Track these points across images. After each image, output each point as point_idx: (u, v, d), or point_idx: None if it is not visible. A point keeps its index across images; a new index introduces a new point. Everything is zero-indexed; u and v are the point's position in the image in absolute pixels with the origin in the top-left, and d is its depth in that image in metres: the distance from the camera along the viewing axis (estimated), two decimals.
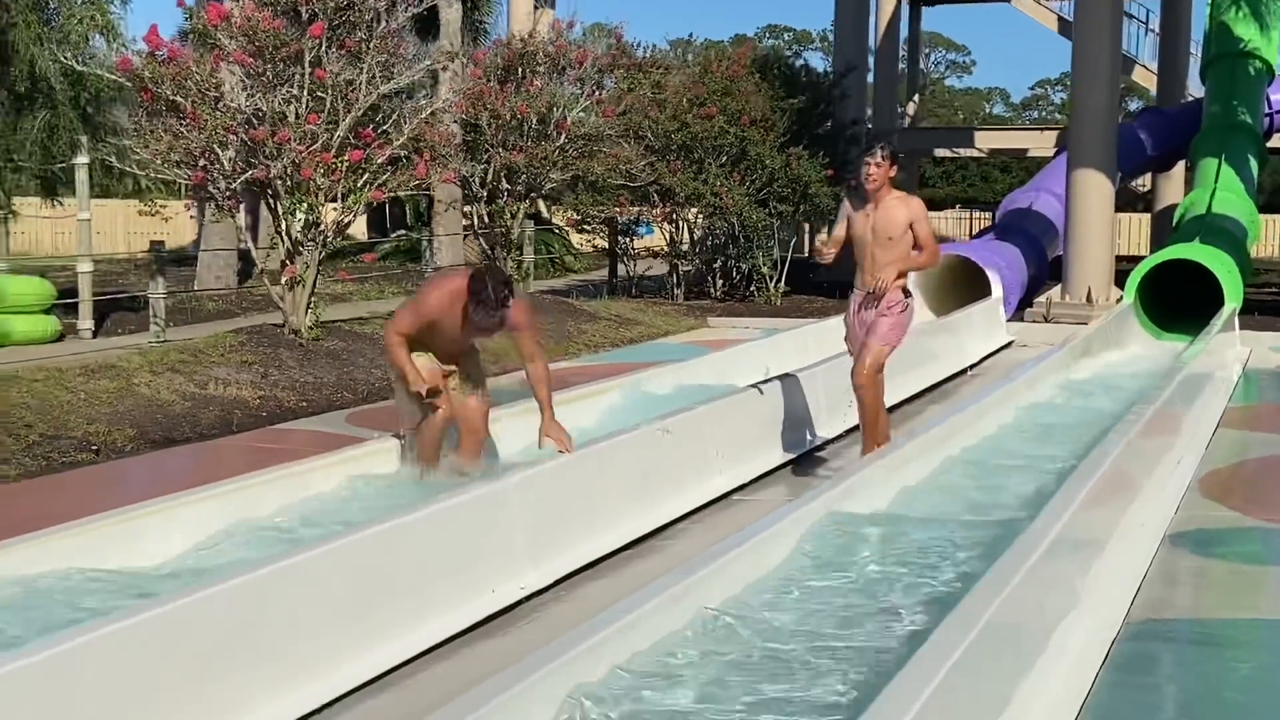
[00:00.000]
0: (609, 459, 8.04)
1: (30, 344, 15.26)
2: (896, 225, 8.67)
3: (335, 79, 13.54)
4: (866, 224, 8.81)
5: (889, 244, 8.70)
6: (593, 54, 19.15)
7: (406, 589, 6.10)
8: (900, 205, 8.77)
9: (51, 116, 17.74)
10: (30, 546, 6.19)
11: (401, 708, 5.41)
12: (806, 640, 5.52)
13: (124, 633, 4.68)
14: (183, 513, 6.95)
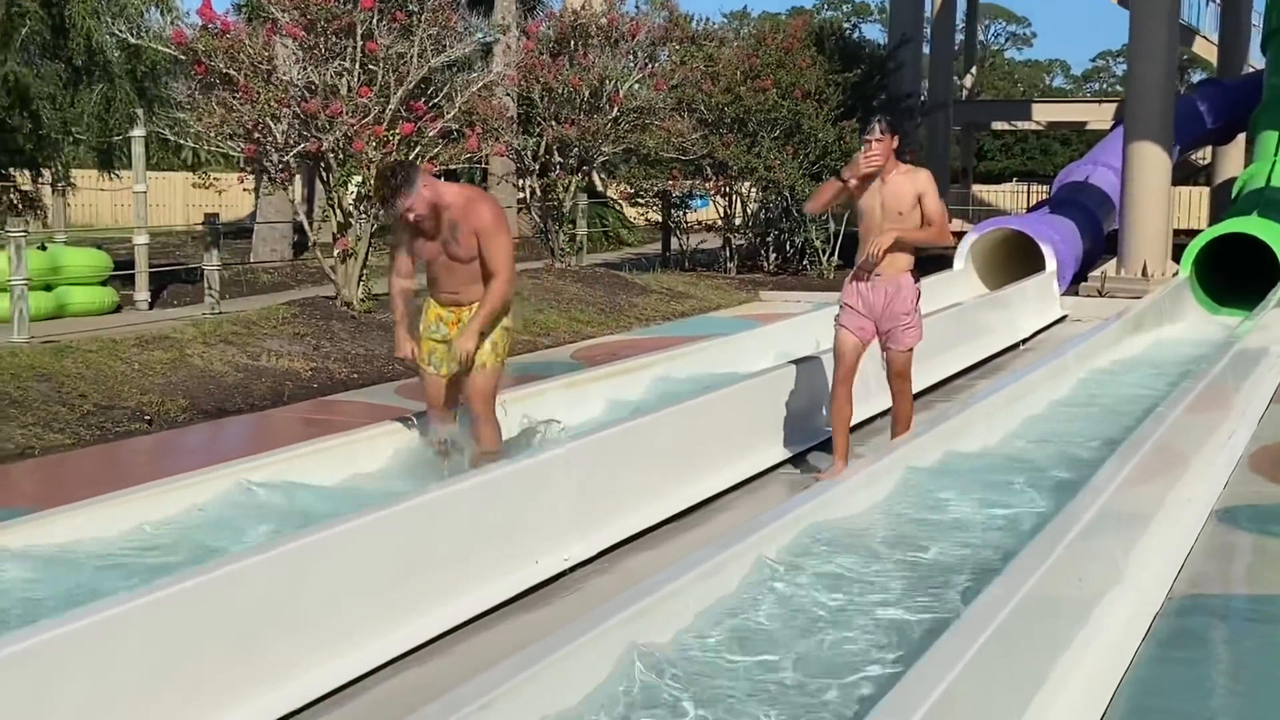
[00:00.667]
0: (656, 431, 8.03)
1: (88, 315, 15.44)
2: (906, 199, 8.05)
3: (387, 52, 13.58)
4: (874, 198, 8.13)
5: (899, 219, 8.05)
6: (646, 26, 19.07)
7: (450, 559, 6.15)
8: (909, 177, 8.14)
9: (108, 89, 17.93)
10: (80, 514, 6.30)
11: (444, 676, 5.43)
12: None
13: (167, 600, 4.75)
14: (229, 482, 7.03)
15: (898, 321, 8.24)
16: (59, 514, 6.28)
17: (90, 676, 4.41)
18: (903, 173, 8.11)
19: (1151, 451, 7.36)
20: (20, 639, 4.31)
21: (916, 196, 8.01)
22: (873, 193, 8.11)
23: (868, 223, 8.20)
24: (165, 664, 4.69)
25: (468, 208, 7.34)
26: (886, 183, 8.05)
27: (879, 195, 8.07)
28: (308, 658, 5.22)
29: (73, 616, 4.50)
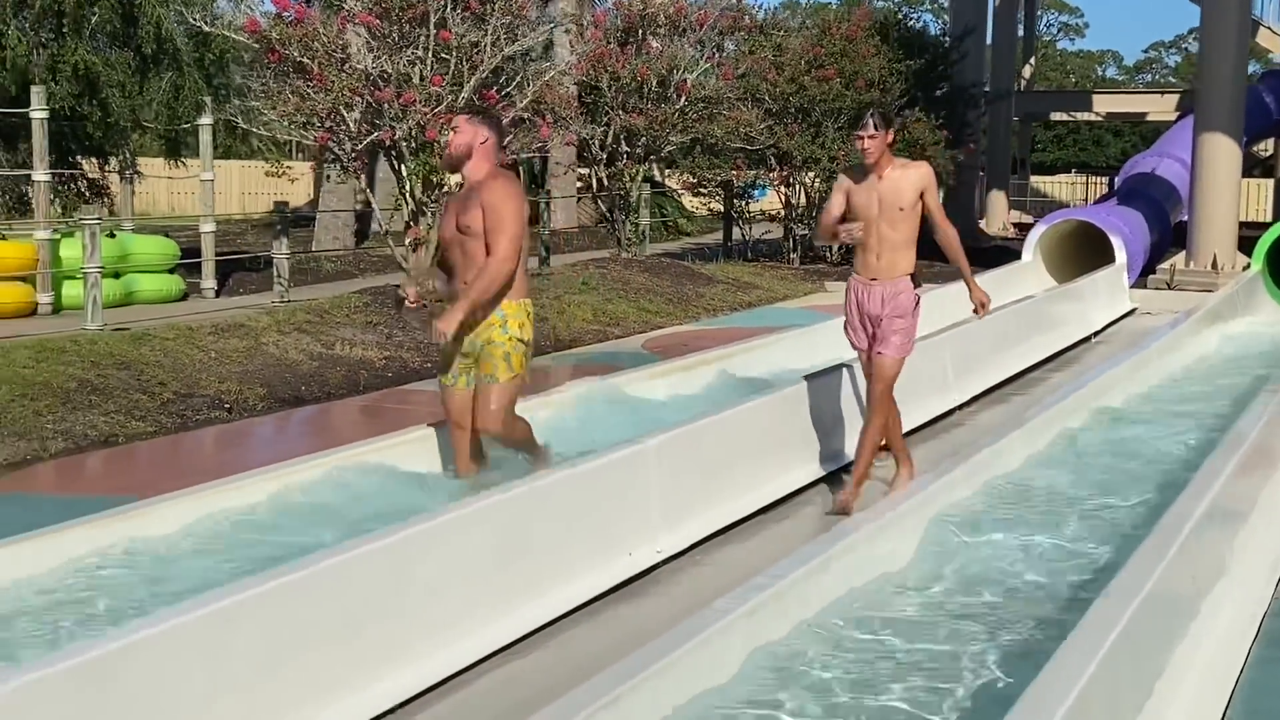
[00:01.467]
0: (745, 423, 7.99)
1: (155, 302, 15.53)
2: (906, 194, 7.38)
3: (460, 40, 13.57)
4: (871, 196, 7.44)
5: (899, 217, 7.40)
6: (713, 16, 19.03)
7: (545, 551, 6.14)
8: (909, 172, 7.48)
9: (177, 78, 17.99)
10: (167, 506, 6.34)
11: (546, 669, 5.45)
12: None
13: (277, 590, 4.75)
14: (325, 470, 7.05)
15: (891, 325, 7.53)
16: (158, 504, 6.31)
17: (205, 666, 4.42)
18: (900, 167, 7.49)
19: (1251, 448, 7.27)
20: (139, 629, 4.33)
21: (918, 192, 7.42)
22: (868, 189, 7.48)
23: (864, 221, 7.49)
24: (276, 654, 4.68)
25: (487, 180, 6.82)
26: (883, 179, 7.43)
27: (875, 192, 7.44)
28: (412, 648, 5.22)
29: (188, 607, 4.50)
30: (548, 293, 15.53)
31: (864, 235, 7.42)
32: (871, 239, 7.42)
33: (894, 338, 7.50)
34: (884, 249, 7.42)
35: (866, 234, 7.41)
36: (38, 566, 5.58)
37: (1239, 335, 14.89)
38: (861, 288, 7.58)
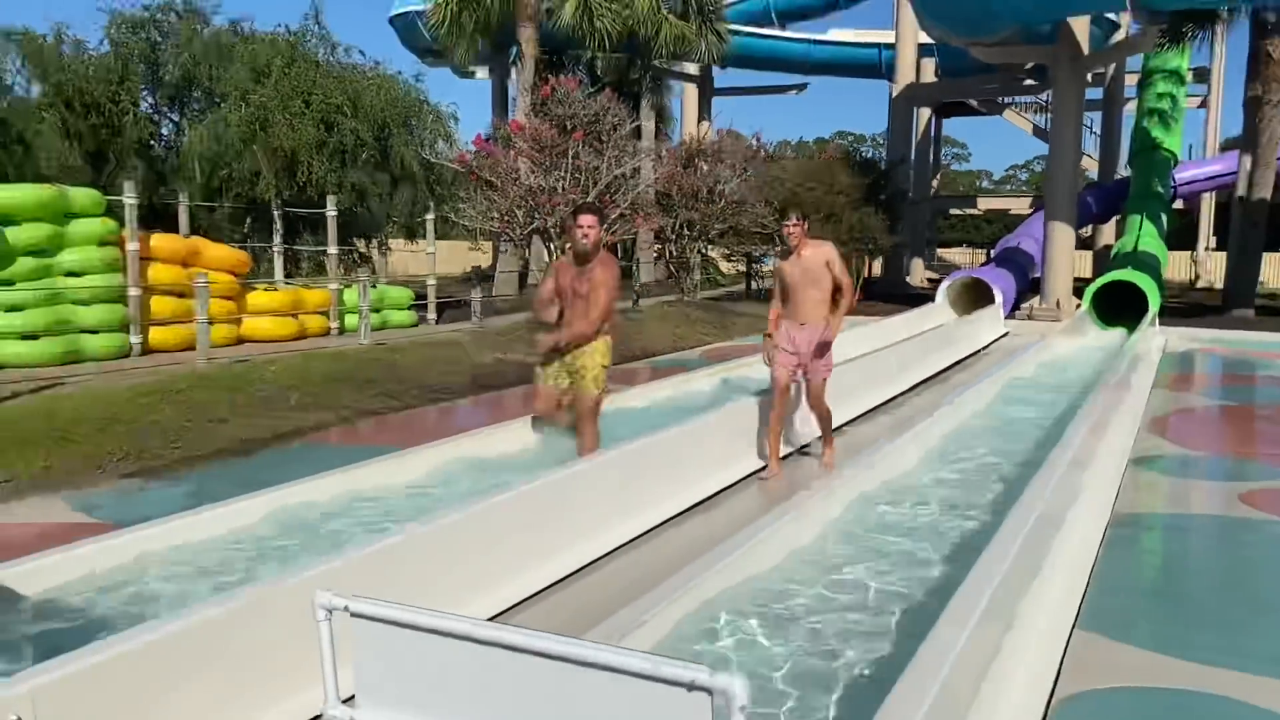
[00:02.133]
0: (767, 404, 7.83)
1: (400, 328, 15.65)
2: (819, 266, 6.86)
3: (587, 165, 13.58)
4: (796, 268, 6.91)
5: (816, 281, 6.89)
6: (740, 150, 18.92)
7: (656, 482, 6.09)
8: (818, 250, 6.93)
9: (413, 191, 18.16)
10: (420, 453, 6.33)
11: (657, 554, 5.41)
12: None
13: (488, 508, 4.73)
14: (504, 435, 7.03)
15: (816, 359, 6.98)
16: (413, 453, 6.29)
17: (439, 559, 4.43)
18: (813, 247, 6.94)
19: (1093, 421, 7.10)
20: (403, 530, 4.32)
21: (826, 262, 6.88)
22: (794, 265, 6.95)
23: (792, 286, 6.98)
24: (488, 549, 4.69)
25: (600, 258, 6.36)
26: (803, 256, 6.90)
27: (799, 265, 6.92)
28: (571, 543, 5.22)
29: (421, 522, 4.49)
30: (639, 322, 15.50)
31: (794, 293, 6.96)
32: (799, 295, 6.95)
33: (820, 368, 7.04)
34: (809, 303, 6.94)
35: (795, 292, 6.95)
36: (339, 493, 5.55)
37: (1078, 348, 14.64)
38: (793, 329, 7.04)
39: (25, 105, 14.86)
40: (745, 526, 4.66)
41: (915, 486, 6.24)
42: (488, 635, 2.06)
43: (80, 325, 11.30)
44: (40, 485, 6.29)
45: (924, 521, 5.50)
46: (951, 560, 4.80)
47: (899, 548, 5.02)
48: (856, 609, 4.23)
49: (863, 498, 5.72)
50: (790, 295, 7.01)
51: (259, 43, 17.13)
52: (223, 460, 7.21)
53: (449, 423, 9.19)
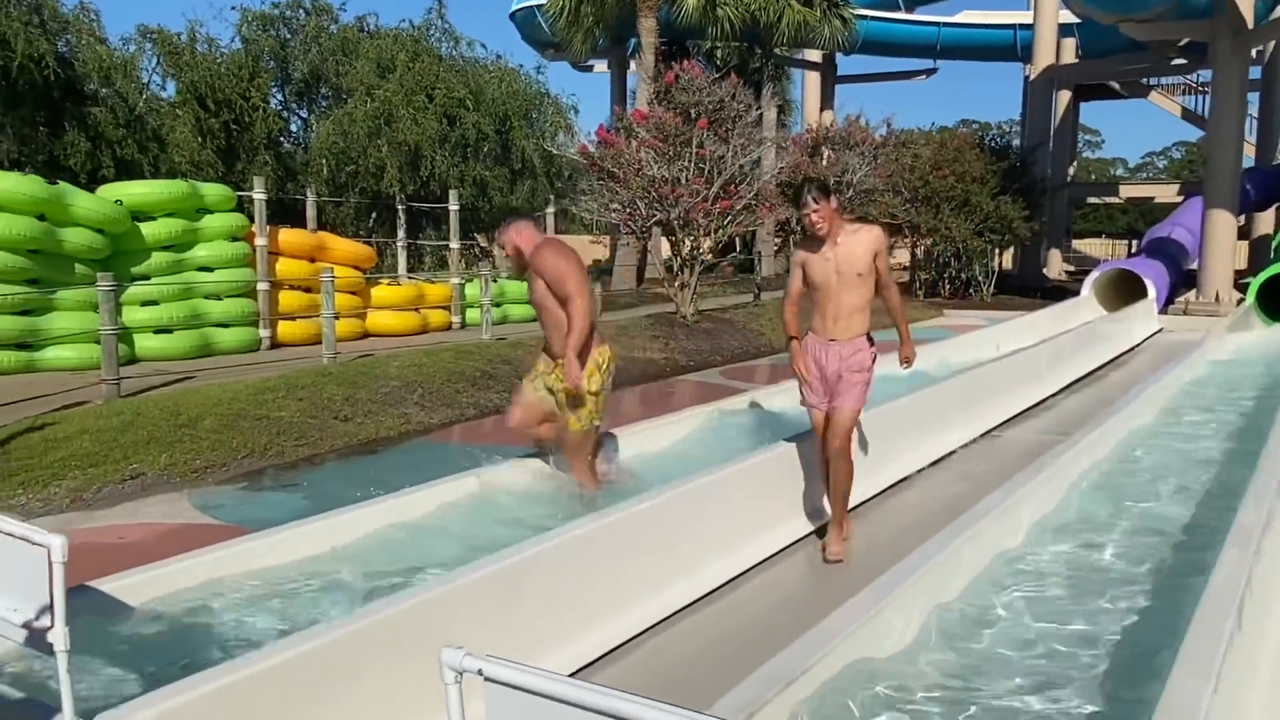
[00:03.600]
0: (907, 408, 7.13)
1: (520, 322, 15.52)
2: (861, 259, 4.97)
3: (711, 155, 13.12)
4: (828, 265, 5.00)
5: (857, 282, 4.99)
6: (871, 135, 18.14)
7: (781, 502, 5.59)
8: (860, 237, 5.02)
9: (533, 184, 18.08)
10: (487, 474, 5.91)
11: (799, 569, 4.94)
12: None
13: (622, 520, 4.35)
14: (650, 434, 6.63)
15: (849, 379, 5.04)
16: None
17: (576, 570, 4.07)
18: (853, 232, 5.04)
19: None
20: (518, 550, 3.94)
21: (872, 255, 4.99)
22: (824, 259, 5.01)
23: (824, 289, 5.05)
24: (621, 562, 4.30)
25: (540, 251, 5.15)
26: (839, 244, 5.00)
27: (833, 259, 5.00)
28: (714, 554, 4.79)
29: (551, 534, 4.10)
30: (763, 315, 14.99)
31: (823, 301, 5.06)
32: (830, 304, 5.04)
33: (851, 390, 5.05)
34: (841, 312, 5.03)
35: (827, 300, 5.04)
36: (469, 494, 5.25)
37: (1256, 339, 13.56)
38: (820, 348, 5.12)
39: (161, 103, 15.27)
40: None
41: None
42: (645, 715, 1.64)
43: (211, 319, 11.44)
44: (166, 482, 6.21)
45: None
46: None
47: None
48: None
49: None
50: (817, 300, 5.11)
51: (384, 38, 17.25)
52: (345, 459, 7.04)
53: None
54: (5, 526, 2.45)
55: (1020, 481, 5.26)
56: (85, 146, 12.82)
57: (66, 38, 13.40)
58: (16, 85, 11.98)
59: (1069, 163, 34.53)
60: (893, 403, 6.84)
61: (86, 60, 13.54)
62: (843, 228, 5.01)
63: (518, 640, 3.57)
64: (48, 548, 2.36)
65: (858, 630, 3.30)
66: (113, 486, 6.00)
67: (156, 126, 14.37)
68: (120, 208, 10.71)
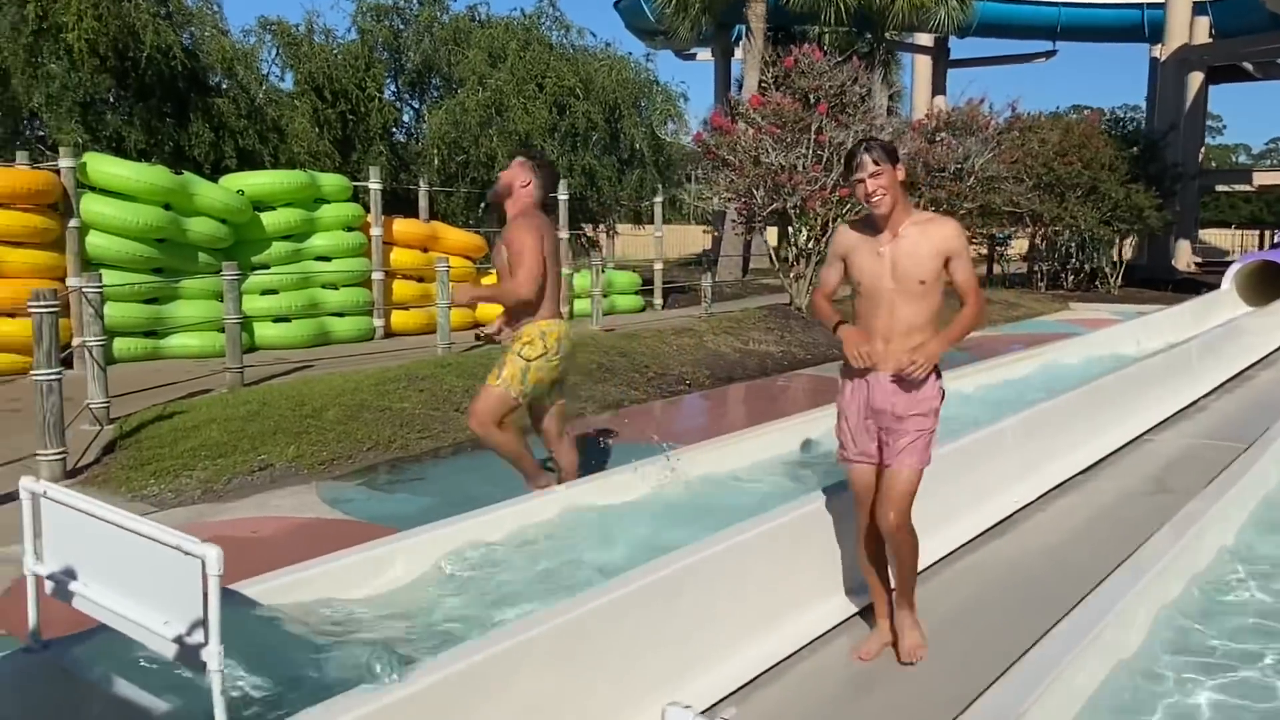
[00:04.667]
0: (1074, 404, 6.66)
1: (626, 313, 15.31)
2: (928, 261, 3.52)
3: (830, 140, 12.66)
4: (881, 264, 3.57)
5: (919, 293, 3.53)
6: (994, 120, 17.35)
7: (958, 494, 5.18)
8: (931, 231, 3.56)
9: (641, 173, 17.83)
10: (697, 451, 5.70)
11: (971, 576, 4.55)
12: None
13: (781, 525, 4.02)
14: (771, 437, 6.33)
15: (904, 426, 3.59)
16: (700, 449, 5.69)
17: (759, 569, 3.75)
18: (920, 222, 3.58)
19: None
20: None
21: (944, 259, 3.53)
22: (876, 252, 3.57)
23: (872, 296, 3.59)
24: (784, 565, 3.96)
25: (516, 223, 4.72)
26: (899, 236, 3.54)
27: (888, 256, 3.55)
28: None
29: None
30: None
31: (872, 311, 3.59)
32: (880, 318, 3.57)
33: (913, 444, 3.58)
34: (895, 331, 3.56)
35: (877, 309, 3.58)
36: (611, 493, 4.91)
37: None
38: (869, 381, 3.63)
39: (280, 94, 15.49)
40: None
41: None
42: None
43: (328, 309, 11.50)
44: (294, 474, 6.14)
45: None
46: None
47: None
48: None
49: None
50: (861, 310, 3.66)
51: (495, 27, 17.22)
52: (468, 453, 6.89)
53: (701, 416, 8.62)
54: (158, 535, 2.28)
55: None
56: (209, 137, 13.04)
57: (191, 30, 13.65)
58: (145, 77, 12.22)
59: (1198, 149, 32.85)
60: (1047, 403, 6.36)
61: (210, 52, 13.79)
62: (908, 214, 3.56)
63: (676, 654, 3.30)
64: (202, 559, 2.17)
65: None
66: (242, 477, 5.95)
67: (276, 117, 14.58)
68: (242, 197, 10.82)
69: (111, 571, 2.46)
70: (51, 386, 5.81)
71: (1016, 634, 3.74)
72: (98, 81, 12.09)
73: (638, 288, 16.36)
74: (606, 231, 19.04)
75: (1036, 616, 3.93)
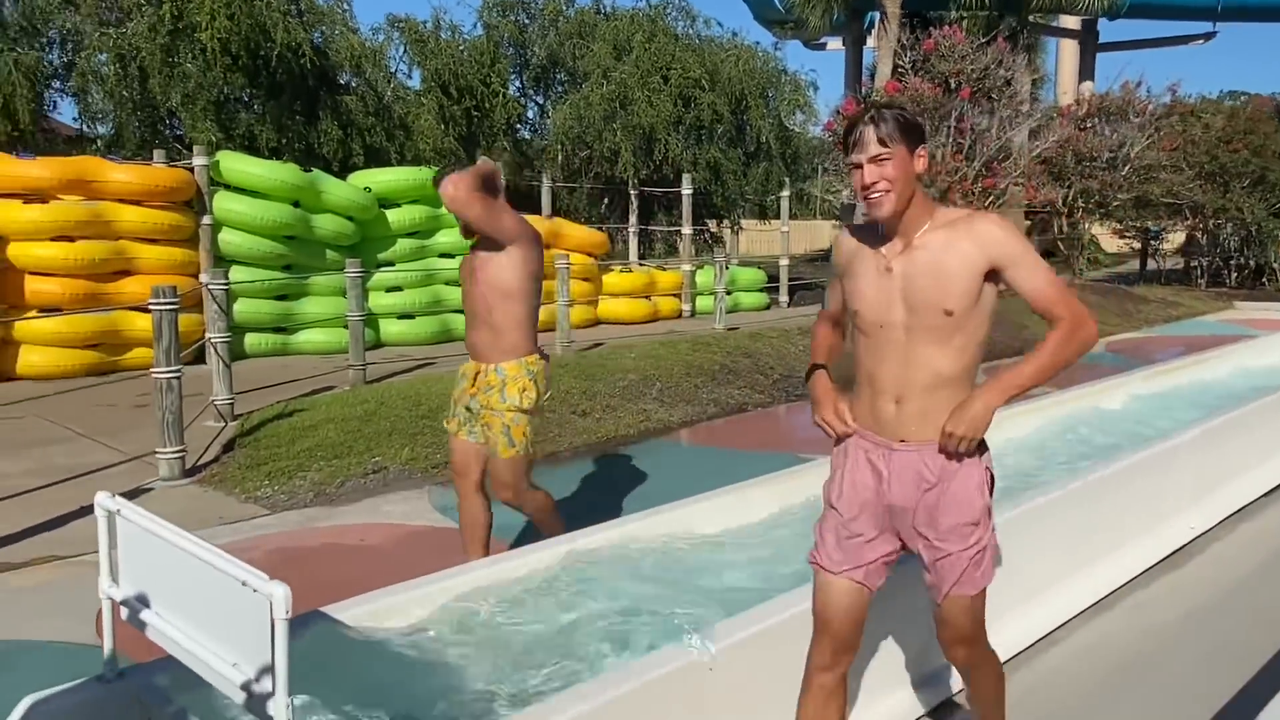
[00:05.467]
0: (1260, 418, 5.92)
1: (750, 311, 14.89)
2: (959, 282, 2.30)
3: (973, 128, 11.93)
4: (888, 286, 2.37)
5: (946, 327, 2.31)
6: (1151, 105, 16.17)
7: None
8: (962, 235, 2.32)
9: (768, 166, 17.35)
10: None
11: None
12: None
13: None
14: None
15: (948, 546, 2.40)
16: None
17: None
18: (948, 224, 2.36)
19: None
20: None
21: (985, 271, 2.31)
22: (878, 268, 2.40)
23: (876, 332, 2.40)
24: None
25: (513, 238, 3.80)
26: (915, 246, 2.35)
27: (898, 275, 2.36)
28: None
29: None
30: (1024, 312, 13.57)
31: (877, 354, 2.43)
32: (890, 366, 2.40)
33: (966, 565, 2.42)
34: (913, 385, 2.38)
35: (878, 355, 2.42)
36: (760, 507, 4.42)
37: None
38: (878, 456, 2.46)
39: (407, 92, 15.66)
40: None
41: None
42: None
43: (451, 306, 11.46)
44: (407, 477, 5.98)
45: None
46: None
47: None
48: None
49: None
50: (862, 355, 2.51)
51: (620, 19, 17.01)
52: (585, 458, 6.62)
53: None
54: (226, 567, 2.04)
55: None
56: (337, 134, 13.22)
57: (321, 29, 13.87)
58: (275, 75, 12.44)
59: None
60: (1229, 414, 5.64)
61: (339, 50, 13.99)
62: (928, 215, 2.37)
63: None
64: (269, 599, 1.91)
65: None
66: (355, 480, 5.81)
67: (403, 114, 14.71)
68: (369, 194, 10.86)
69: (183, 601, 2.24)
70: (171, 384, 5.79)
71: (1206, 696, 3.22)
72: (230, 80, 12.39)
73: (762, 285, 15.92)
74: (731, 227, 18.61)
75: (1227, 673, 3.39)
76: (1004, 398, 2.30)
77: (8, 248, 8.77)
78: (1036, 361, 2.33)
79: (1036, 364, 2.33)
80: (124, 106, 12.77)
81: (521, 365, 3.80)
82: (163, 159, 10.11)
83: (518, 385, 3.77)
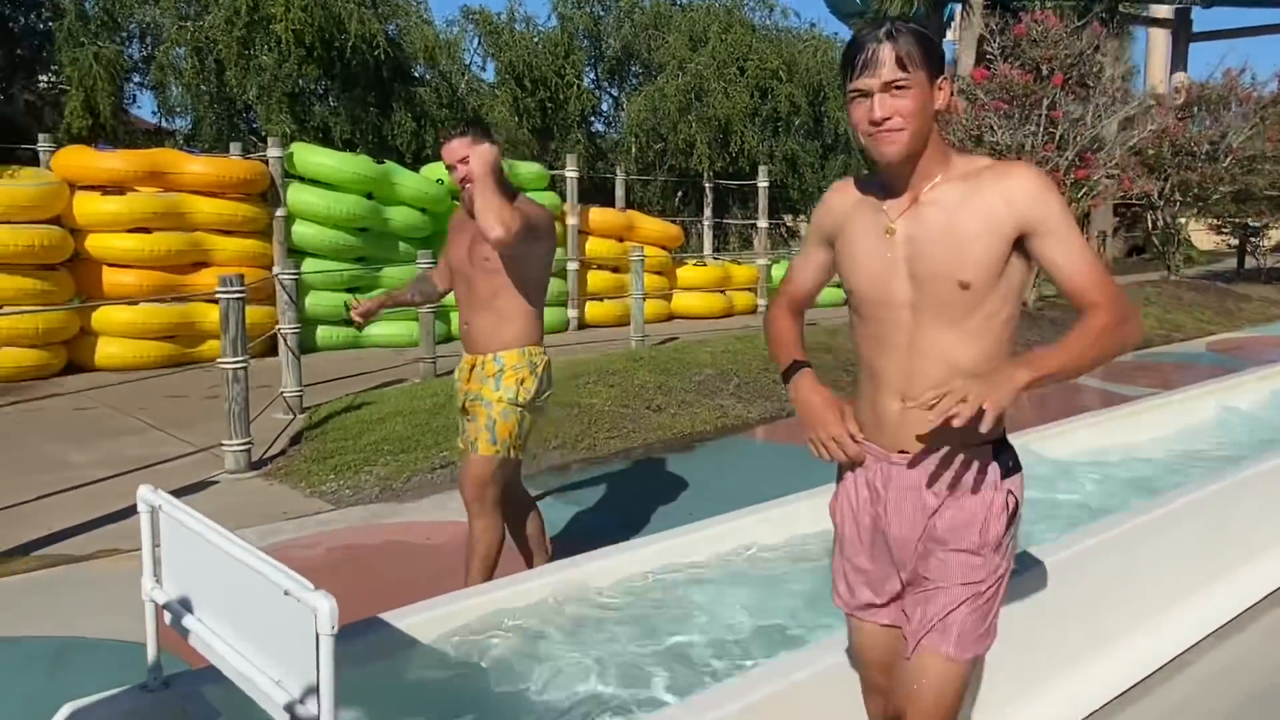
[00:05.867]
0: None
1: (829, 306, 14.34)
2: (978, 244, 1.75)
3: (1066, 117, 11.37)
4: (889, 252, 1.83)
5: (961, 303, 1.77)
6: (1257, 92, 15.31)
7: None
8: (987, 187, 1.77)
9: (845, 159, 16.91)
10: None
11: None
12: None
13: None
14: None
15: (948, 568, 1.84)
16: None
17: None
18: (967, 175, 1.80)
19: None
20: None
21: (1013, 235, 1.76)
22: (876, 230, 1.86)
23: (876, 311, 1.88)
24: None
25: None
26: (922, 202, 1.81)
27: (901, 238, 1.82)
28: None
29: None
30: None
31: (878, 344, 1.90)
32: (894, 354, 1.87)
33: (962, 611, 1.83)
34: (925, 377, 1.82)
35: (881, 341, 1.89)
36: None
37: None
38: (875, 472, 1.94)
39: (481, 84, 15.58)
40: None
41: None
42: None
43: None
44: None
45: None
46: None
47: None
48: None
49: None
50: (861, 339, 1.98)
51: (696, 10, 16.74)
52: (660, 455, 6.37)
53: None
54: (269, 572, 1.82)
55: None
56: (411, 127, 13.16)
57: (395, 21, 13.84)
58: (350, 67, 12.42)
59: None
60: None
61: (414, 41, 13.94)
62: (943, 164, 1.85)
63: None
64: (314, 612, 1.69)
65: None
66: (422, 475, 5.64)
67: (476, 106, 14.62)
68: (441, 187, 10.75)
69: (226, 606, 2.03)
70: (238, 375, 5.68)
71: None
72: (305, 72, 12.40)
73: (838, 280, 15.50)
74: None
75: None
76: (1034, 376, 1.66)
77: (87, 239, 8.83)
78: (1072, 349, 1.73)
79: (1072, 352, 1.73)
80: (201, 100, 12.90)
81: (524, 355, 3.36)
82: (239, 152, 10.12)
83: (516, 376, 3.34)
